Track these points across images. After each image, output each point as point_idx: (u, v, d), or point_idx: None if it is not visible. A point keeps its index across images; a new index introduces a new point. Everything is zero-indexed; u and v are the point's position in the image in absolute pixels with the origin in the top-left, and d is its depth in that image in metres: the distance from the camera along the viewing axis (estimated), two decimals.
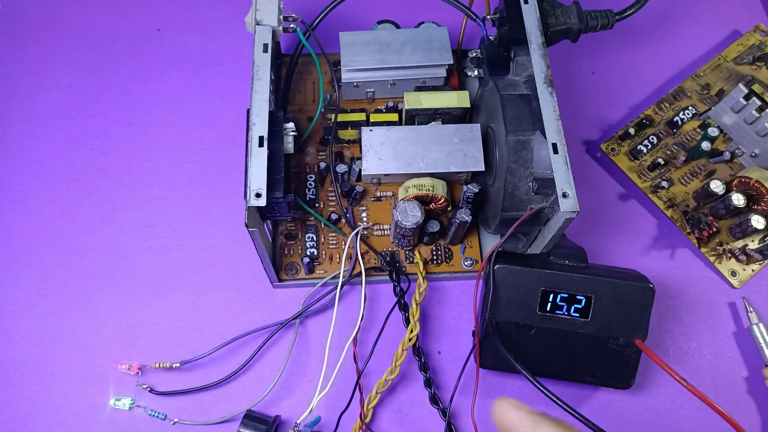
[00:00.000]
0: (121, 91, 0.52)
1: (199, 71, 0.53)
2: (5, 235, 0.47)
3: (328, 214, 0.46)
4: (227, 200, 0.48)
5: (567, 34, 0.45)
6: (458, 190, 0.46)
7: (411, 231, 0.42)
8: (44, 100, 0.51)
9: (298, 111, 0.49)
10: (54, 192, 0.48)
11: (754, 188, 0.45)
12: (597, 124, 0.52)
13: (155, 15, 0.55)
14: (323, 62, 0.49)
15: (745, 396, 0.44)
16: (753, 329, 0.45)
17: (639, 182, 0.49)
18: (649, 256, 0.48)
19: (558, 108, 0.39)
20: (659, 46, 0.55)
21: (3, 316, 0.44)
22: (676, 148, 0.50)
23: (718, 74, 0.53)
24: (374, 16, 0.51)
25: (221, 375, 0.42)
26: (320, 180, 0.47)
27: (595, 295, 0.40)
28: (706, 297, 0.47)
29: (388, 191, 0.47)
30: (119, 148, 0.50)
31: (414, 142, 0.43)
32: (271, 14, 0.43)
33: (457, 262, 0.45)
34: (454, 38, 0.49)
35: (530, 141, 0.39)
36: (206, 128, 0.51)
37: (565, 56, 0.54)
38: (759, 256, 0.47)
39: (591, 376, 0.41)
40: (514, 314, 0.40)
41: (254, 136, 0.37)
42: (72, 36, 0.54)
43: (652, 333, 0.44)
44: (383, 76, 0.47)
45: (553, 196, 0.37)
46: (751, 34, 0.54)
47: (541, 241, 0.41)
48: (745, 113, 0.47)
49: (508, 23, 0.43)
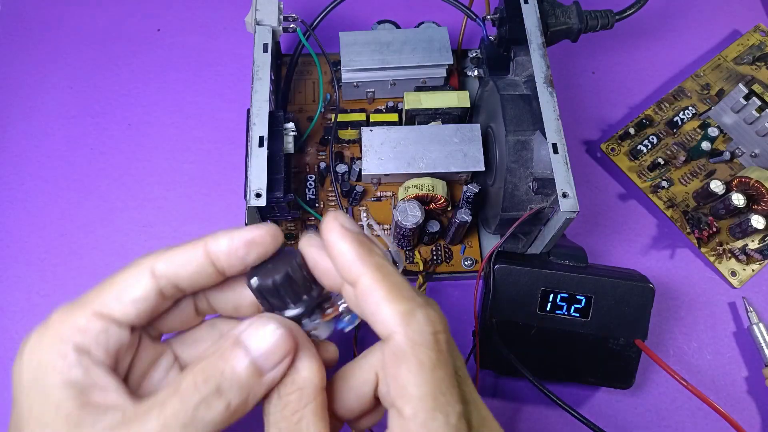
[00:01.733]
0: (121, 91, 0.52)
1: (199, 71, 0.53)
2: (5, 235, 0.47)
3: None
4: (227, 200, 0.48)
5: (567, 34, 0.45)
6: (458, 190, 0.46)
7: (411, 231, 0.42)
8: (44, 100, 0.51)
9: (298, 111, 0.49)
10: (54, 192, 0.48)
11: (754, 188, 0.45)
12: (597, 124, 0.52)
13: (155, 15, 0.55)
14: (323, 62, 0.49)
15: (745, 396, 0.44)
16: (753, 329, 0.45)
17: (639, 182, 0.49)
18: (649, 256, 0.48)
19: (558, 108, 0.39)
20: (659, 46, 0.55)
21: (3, 316, 0.44)
22: (676, 148, 0.50)
23: (718, 74, 0.53)
24: (374, 16, 0.51)
25: None
26: (320, 180, 0.47)
27: (595, 295, 0.40)
28: (706, 297, 0.47)
29: (388, 191, 0.47)
30: (119, 148, 0.50)
31: (414, 142, 0.43)
32: (271, 14, 0.43)
33: (457, 262, 0.45)
34: (454, 38, 0.49)
35: (530, 141, 0.39)
36: (206, 128, 0.51)
37: (565, 56, 0.54)
38: (759, 256, 0.47)
39: (591, 376, 0.41)
40: (514, 314, 0.40)
41: (254, 136, 0.37)
42: (72, 36, 0.54)
43: (652, 333, 0.44)
44: (383, 76, 0.47)
45: (553, 196, 0.37)
46: (751, 34, 0.54)
47: (541, 241, 0.41)
48: (745, 113, 0.47)
49: (508, 23, 0.43)
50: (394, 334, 0.23)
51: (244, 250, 0.26)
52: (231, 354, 0.24)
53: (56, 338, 0.25)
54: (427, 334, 0.23)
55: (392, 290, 0.23)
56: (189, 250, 0.26)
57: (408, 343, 0.22)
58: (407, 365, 0.22)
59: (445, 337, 0.23)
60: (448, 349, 0.23)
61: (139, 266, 0.26)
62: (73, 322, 0.25)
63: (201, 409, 0.23)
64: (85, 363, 0.25)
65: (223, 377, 0.24)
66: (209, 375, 0.24)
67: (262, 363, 0.24)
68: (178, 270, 0.26)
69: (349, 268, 0.24)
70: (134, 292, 0.25)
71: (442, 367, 0.23)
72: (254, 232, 0.26)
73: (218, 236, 0.26)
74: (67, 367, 0.24)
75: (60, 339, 0.24)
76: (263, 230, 0.26)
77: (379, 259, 0.24)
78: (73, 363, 0.24)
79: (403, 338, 0.23)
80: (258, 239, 0.26)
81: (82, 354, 0.25)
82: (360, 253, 0.24)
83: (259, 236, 0.26)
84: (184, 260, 0.26)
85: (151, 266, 0.26)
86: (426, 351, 0.22)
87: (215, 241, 0.26)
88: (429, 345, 0.23)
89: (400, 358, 0.22)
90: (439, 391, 0.22)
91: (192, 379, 0.23)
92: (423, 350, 0.22)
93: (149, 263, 0.26)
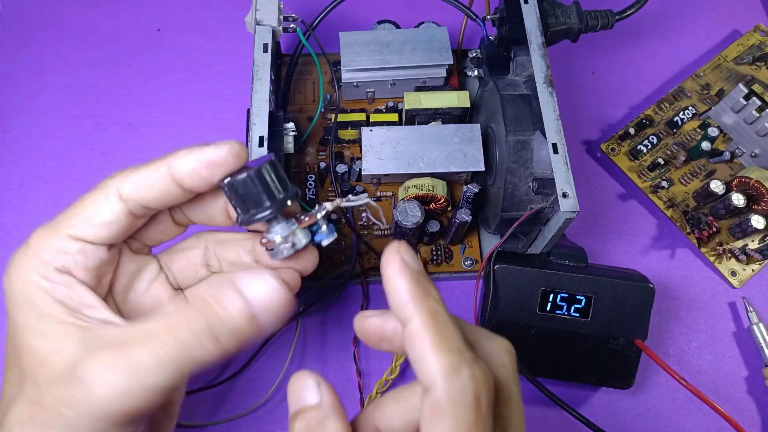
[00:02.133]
0: (121, 91, 0.52)
1: (199, 71, 0.53)
2: (5, 235, 0.47)
3: (328, 214, 0.46)
4: None
5: (567, 34, 0.45)
6: (458, 190, 0.46)
7: (411, 231, 0.42)
8: (44, 100, 0.51)
9: (298, 111, 0.49)
10: (54, 192, 0.48)
11: (754, 188, 0.45)
12: (597, 124, 0.52)
13: (155, 15, 0.55)
14: (323, 62, 0.49)
15: (745, 396, 0.44)
16: (753, 329, 0.45)
17: (639, 182, 0.49)
18: (649, 256, 0.48)
19: (558, 108, 0.39)
20: (659, 46, 0.55)
21: (3, 316, 0.44)
22: (676, 148, 0.50)
23: (718, 74, 0.53)
24: (374, 16, 0.51)
25: (221, 376, 0.42)
26: (320, 180, 0.47)
27: (595, 295, 0.40)
28: (706, 297, 0.47)
29: (388, 191, 0.47)
30: (119, 148, 0.50)
31: (414, 142, 0.43)
32: (271, 14, 0.43)
33: (457, 262, 0.45)
34: (454, 38, 0.49)
35: (530, 141, 0.39)
36: (206, 128, 0.51)
37: (565, 56, 0.54)
38: (759, 256, 0.47)
39: (591, 376, 0.41)
40: (514, 314, 0.40)
41: (254, 136, 0.37)
42: (72, 36, 0.54)
43: (652, 333, 0.44)
44: (383, 76, 0.47)
45: (553, 196, 0.37)
46: (751, 34, 0.54)
47: (541, 241, 0.41)
48: (745, 113, 0.47)
49: (508, 23, 0.43)
50: (436, 387, 0.22)
51: (207, 172, 0.26)
52: (228, 299, 0.25)
53: (37, 261, 0.26)
54: (468, 394, 0.22)
55: (441, 340, 0.22)
56: (153, 172, 0.27)
57: (448, 400, 0.22)
58: (443, 422, 0.22)
59: (487, 400, 0.22)
60: (488, 412, 0.22)
61: (106, 189, 0.27)
62: (50, 244, 0.26)
63: (194, 349, 0.24)
64: (68, 282, 0.26)
65: (219, 321, 0.24)
66: (206, 317, 0.24)
67: (257, 311, 0.25)
68: (145, 193, 0.27)
69: (402, 308, 0.23)
70: (104, 215, 0.26)
71: (478, 429, 0.22)
72: (216, 152, 0.26)
73: (180, 157, 0.27)
74: (53, 286, 0.25)
75: (40, 261, 0.26)
76: (225, 150, 0.27)
77: (434, 304, 0.23)
78: (58, 282, 0.26)
79: (443, 393, 0.22)
80: (220, 160, 0.26)
81: (63, 275, 0.26)
82: (415, 294, 0.23)
83: (221, 157, 0.26)
84: (149, 182, 0.27)
85: (118, 189, 0.27)
86: (464, 412, 0.22)
87: (177, 163, 0.27)
88: (468, 406, 0.22)
89: (438, 412, 0.22)
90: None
91: (188, 319, 0.24)
92: (461, 410, 0.22)
93: (115, 186, 0.27)
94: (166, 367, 0.24)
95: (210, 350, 0.24)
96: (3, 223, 0.47)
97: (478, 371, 0.22)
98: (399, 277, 0.24)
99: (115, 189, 0.27)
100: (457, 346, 0.23)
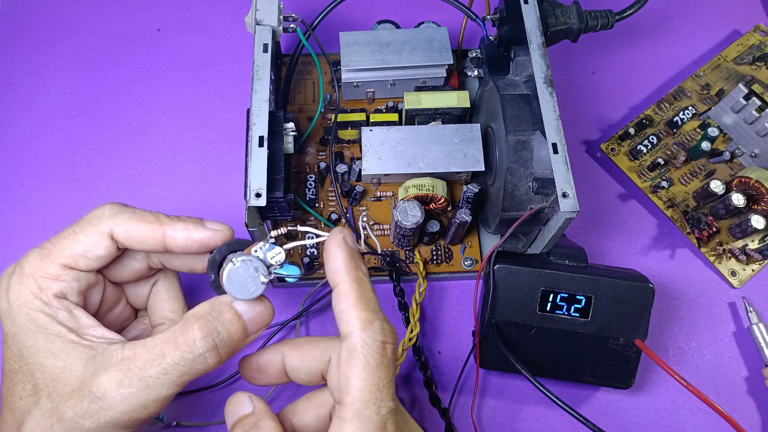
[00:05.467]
0: (121, 91, 0.52)
1: (199, 71, 0.53)
2: (5, 235, 0.47)
3: (328, 214, 0.46)
4: (227, 200, 0.48)
5: (567, 34, 0.45)
6: (458, 190, 0.46)
7: (411, 231, 0.42)
8: (44, 100, 0.51)
9: (298, 111, 0.49)
10: (54, 192, 0.48)
11: (754, 188, 0.45)
12: (597, 124, 0.52)
13: (155, 15, 0.55)
14: (323, 62, 0.49)
15: (745, 396, 0.44)
16: (753, 329, 0.45)
17: (639, 182, 0.49)
18: (649, 256, 0.48)
19: (558, 108, 0.39)
20: (659, 46, 0.55)
21: None
22: (676, 148, 0.50)
23: (718, 74, 0.53)
24: (374, 16, 0.51)
25: (222, 376, 0.42)
26: (320, 180, 0.47)
27: (595, 295, 0.40)
28: (706, 297, 0.47)
29: (388, 191, 0.47)
30: (119, 148, 0.50)
31: (414, 142, 0.43)
32: (271, 14, 0.43)
33: (457, 262, 0.45)
34: (454, 38, 0.49)
35: (530, 141, 0.39)
36: (206, 128, 0.51)
37: (565, 56, 0.54)
38: (759, 256, 0.47)
39: (591, 376, 0.41)
40: (514, 314, 0.40)
41: (254, 136, 0.37)
42: (72, 36, 0.54)
43: (652, 333, 0.44)
44: (383, 76, 0.47)
45: (553, 196, 0.37)
46: (751, 34, 0.54)
47: (541, 241, 0.41)
48: (745, 113, 0.47)
49: (508, 23, 0.43)
50: (352, 334, 0.27)
51: (197, 248, 0.31)
52: (227, 317, 0.29)
53: (36, 287, 0.29)
54: (377, 341, 0.27)
55: (362, 300, 0.28)
56: (148, 230, 0.31)
57: (360, 344, 0.27)
58: (355, 361, 0.27)
59: (392, 348, 0.28)
60: (392, 359, 0.28)
61: (100, 228, 0.30)
62: (45, 272, 0.29)
63: (197, 362, 0.28)
64: (67, 306, 0.30)
65: (220, 336, 0.29)
66: (208, 333, 0.28)
67: (249, 326, 0.30)
68: (135, 243, 0.31)
69: (336, 272, 0.28)
70: (98, 251, 0.30)
71: (383, 369, 0.27)
72: (209, 237, 0.31)
73: (177, 228, 0.31)
74: (54, 311, 0.29)
75: (39, 288, 0.29)
76: (219, 235, 0.31)
77: (361, 274, 0.29)
78: (58, 307, 0.29)
79: (358, 339, 0.27)
80: (212, 243, 0.31)
81: (61, 300, 0.30)
82: (348, 264, 0.28)
83: (214, 241, 0.31)
84: (141, 237, 0.31)
85: (111, 231, 0.30)
86: (373, 353, 0.27)
87: (173, 233, 0.31)
88: (377, 349, 0.27)
89: (352, 354, 0.27)
90: (376, 387, 0.27)
91: (191, 336, 0.28)
92: (371, 352, 0.27)
93: (108, 227, 0.30)
94: (172, 379, 0.28)
95: (211, 362, 0.29)
96: (3, 223, 0.47)
97: (387, 326, 0.28)
98: (338, 249, 0.29)
99: (107, 229, 0.30)
100: (373, 306, 0.28)
